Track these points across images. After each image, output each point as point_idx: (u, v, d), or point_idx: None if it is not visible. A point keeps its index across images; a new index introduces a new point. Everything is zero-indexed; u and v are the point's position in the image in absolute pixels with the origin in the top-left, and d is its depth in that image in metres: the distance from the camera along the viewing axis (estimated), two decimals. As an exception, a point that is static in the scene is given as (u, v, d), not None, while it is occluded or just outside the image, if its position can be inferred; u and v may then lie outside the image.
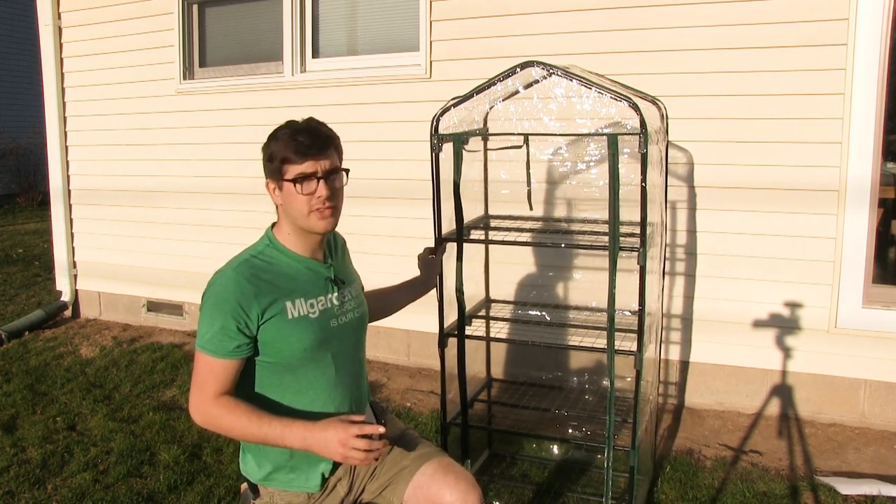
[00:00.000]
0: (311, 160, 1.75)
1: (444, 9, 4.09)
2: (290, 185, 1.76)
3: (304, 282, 1.83)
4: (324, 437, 1.65)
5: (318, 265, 1.87)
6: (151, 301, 5.32)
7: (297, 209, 1.77)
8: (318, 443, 1.66)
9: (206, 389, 1.75)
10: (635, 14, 3.65)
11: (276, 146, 1.76)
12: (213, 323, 1.72)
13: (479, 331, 2.88)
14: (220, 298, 1.73)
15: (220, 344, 1.73)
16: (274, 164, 1.77)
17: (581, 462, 3.14)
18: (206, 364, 1.75)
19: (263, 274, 1.77)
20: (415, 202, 4.09)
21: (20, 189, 12.40)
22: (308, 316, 1.80)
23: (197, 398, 1.76)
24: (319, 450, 1.66)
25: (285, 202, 1.79)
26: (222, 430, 1.76)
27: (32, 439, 3.43)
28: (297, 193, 1.75)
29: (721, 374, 3.74)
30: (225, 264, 1.81)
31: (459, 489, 1.83)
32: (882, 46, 3.27)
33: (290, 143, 1.74)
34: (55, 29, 5.28)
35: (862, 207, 3.39)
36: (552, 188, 3.76)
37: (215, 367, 1.74)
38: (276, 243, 1.84)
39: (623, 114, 2.40)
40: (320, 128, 1.80)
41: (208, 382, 1.75)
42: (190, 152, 4.98)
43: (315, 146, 1.75)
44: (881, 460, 3.20)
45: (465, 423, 2.64)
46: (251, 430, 1.71)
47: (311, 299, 1.82)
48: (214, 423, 1.75)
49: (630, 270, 2.35)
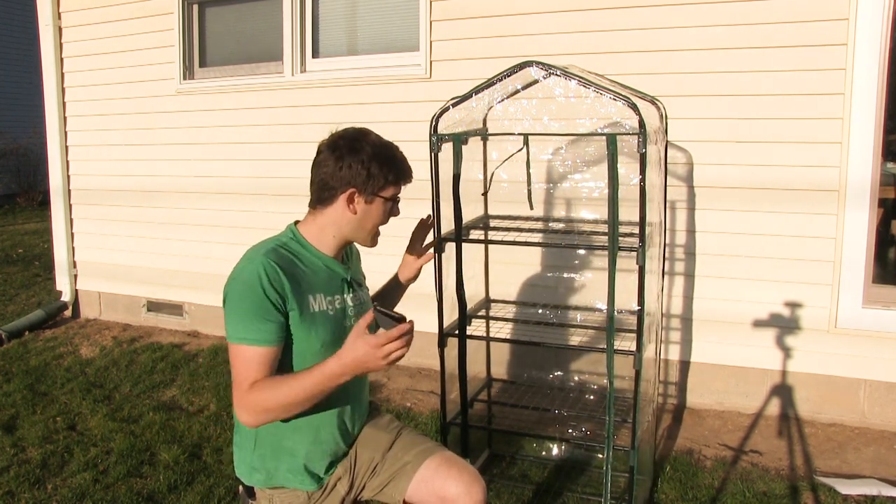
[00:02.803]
0: (403, 185, 1.90)
1: (444, 9, 4.09)
2: (383, 202, 1.84)
3: (323, 279, 1.84)
4: (359, 359, 1.62)
5: (337, 265, 1.89)
6: (151, 301, 5.32)
7: (373, 223, 1.87)
8: (357, 366, 1.63)
9: (244, 385, 1.68)
10: (635, 14, 3.65)
11: (384, 164, 1.81)
12: (248, 308, 1.68)
13: (479, 331, 2.88)
14: (252, 282, 1.69)
15: (258, 330, 1.68)
16: (376, 180, 1.80)
17: (581, 462, 3.14)
18: (244, 357, 1.69)
19: (289, 264, 1.77)
20: (415, 202, 4.09)
21: (20, 189, 12.40)
22: (327, 311, 1.81)
23: (239, 396, 1.69)
24: (362, 370, 1.65)
25: (364, 215, 1.84)
26: (272, 410, 1.69)
27: (32, 439, 3.43)
28: (384, 213, 1.87)
29: (721, 374, 3.74)
30: (250, 253, 1.78)
31: (464, 481, 1.85)
32: (882, 46, 3.27)
33: (403, 166, 1.86)
34: (55, 29, 5.28)
35: (862, 207, 3.38)
36: (552, 188, 3.76)
37: (255, 357, 1.68)
38: (300, 238, 1.85)
39: (622, 113, 2.40)
40: (404, 155, 1.90)
41: (249, 376, 1.68)
42: (190, 152, 4.98)
43: (411, 174, 1.90)
44: (881, 460, 3.20)
45: (465, 423, 2.65)
46: (297, 395, 1.66)
47: (329, 296, 1.84)
48: (263, 409, 1.68)
49: (629, 270, 2.35)
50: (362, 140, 1.81)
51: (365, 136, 1.82)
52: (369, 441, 1.97)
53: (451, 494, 1.84)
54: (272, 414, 1.71)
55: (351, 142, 1.80)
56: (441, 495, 1.85)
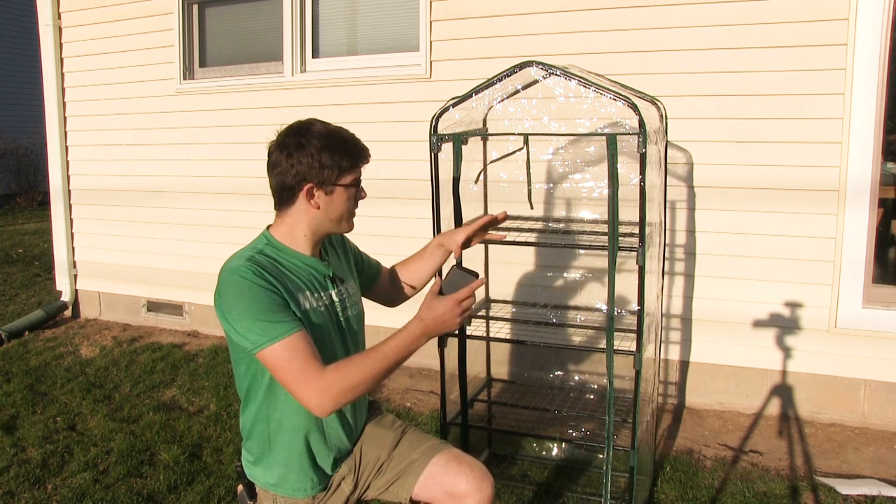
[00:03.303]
0: (361, 167, 1.82)
1: (444, 9, 4.09)
2: (344, 189, 1.78)
3: (306, 278, 1.82)
4: (438, 316, 1.68)
5: (318, 263, 1.87)
6: (151, 301, 5.32)
7: (340, 213, 1.81)
8: (437, 325, 1.69)
9: (309, 371, 1.61)
10: (635, 14, 3.65)
11: (335, 152, 1.74)
12: (256, 311, 1.64)
13: (479, 331, 2.88)
14: (245, 287, 1.66)
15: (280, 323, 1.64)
16: (330, 170, 1.74)
17: (581, 462, 3.14)
18: (287, 353, 1.62)
19: (271, 266, 1.75)
20: (415, 202, 4.10)
21: (20, 189, 12.41)
22: (317, 309, 1.80)
23: (310, 385, 1.61)
24: (441, 329, 1.69)
25: (327, 207, 1.78)
26: (358, 387, 1.64)
27: (32, 439, 3.43)
28: (349, 199, 1.80)
29: (721, 374, 3.74)
30: (229, 264, 1.74)
31: (475, 477, 1.85)
32: (882, 46, 3.27)
33: (353, 149, 1.78)
34: (55, 29, 5.28)
35: (862, 207, 3.38)
36: (551, 188, 3.76)
37: (298, 345, 1.62)
38: (275, 241, 1.82)
39: (622, 114, 2.40)
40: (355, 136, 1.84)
41: (310, 363, 1.62)
42: (190, 152, 4.98)
43: (367, 153, 1.82)
44: (881, 460, 3.20)
45: (465, 423, 2.65)
46: (381, 364, 1.65)
47: (316, 294, 1.82)
48: (349, 387, 1.63)
49: (629, 270, 2.35)
50: (307, 132, 1.75)
51: (309, 127, 1.77)
52: (375, 439, 1.97)
53: (461, 490, 1.84)
54: (356, 391, 1.64)
55: (297, 137, 1.75)
56: (451, 492, 1.85)
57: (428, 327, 1.69)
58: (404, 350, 1.68)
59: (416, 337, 1.69)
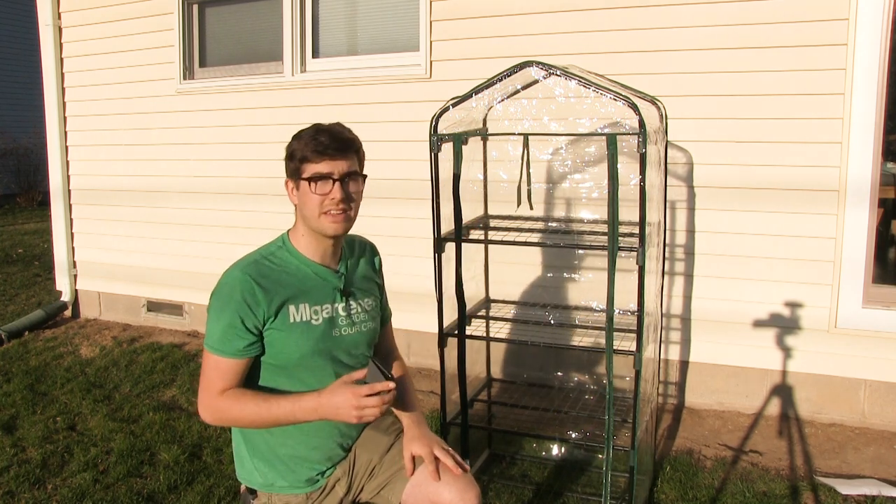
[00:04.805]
0: (327, 160, 1.76)
1: (444, 9, 4.09)
2: (306, 184, 1.77)
3: (312, 287, 1.82)
4: (335, 404, 1.68)
5: (328, 273, 1.86)
6: (151, 301, 5.32)
7: (311, 209, 1.78)
8: (330, 411, 1.69)
9: (213, 388, 1.76)
10: (635, 14, 3.65)
11: (298, 145, 1.78)
12: (220, 321, 1.74)
13: (478, 331, 2.88)
14: (227, 297, 1.74)
15: (229, 343, 1.74)
16: (293, 163, 1.79)
17: (581, 462, 3.14)
18: (214, 363, 1.76)
19: (271, 275, 1.78)
20: (415, 202, 4.10)
21: (20, 189, 12.41)
22: (311, 322, 1.80)
23: (204, 397, 1.78)
24: (333, 416, 1.70)
25: (300, 202, 1.80)
26: (233, 421, 1.79)
27: (32, 439, 3.43)
28: (312, 193, 1.76)
29: (721, 374, 3.74)
30: (234, 264, 1.81)
31: (458, 487, 1.81)
32: (882, 46, 3.27)
33: (310, 143, 1.76)
34: (55, 29, 5.28)
35: (862, 207, 3.38)
36: (552, 188, 3.76)
37: (222, 366, 1.76)
38: (289, 246, 1.85)
39: (622, 114, 2.40)
40: (343, 131, 1.82)
41: (215, 382, 1.76)
42: (190, 152, 4.98)
43: (333, 147, 1.76)
44: (881, 460, 3.20)
45: (465, 423, 2.65)
46: (261, 415, 1.73)
47: (316, 306, 1.82)
48: (224, 417, 1.77)
49: (629, 270, 2.35)
50: (302, 130, 1.82)
51: (311, 126, 1.82)
52: (368, 443, 1.97)
53: (443, 500, 1.80)
54: (233, 423, 1.82)
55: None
56: (434, 501, 1.81)
57: (322, 408, 1.70)
58: (291, 416, 1.74)
59: (307, 410, 1.72)
